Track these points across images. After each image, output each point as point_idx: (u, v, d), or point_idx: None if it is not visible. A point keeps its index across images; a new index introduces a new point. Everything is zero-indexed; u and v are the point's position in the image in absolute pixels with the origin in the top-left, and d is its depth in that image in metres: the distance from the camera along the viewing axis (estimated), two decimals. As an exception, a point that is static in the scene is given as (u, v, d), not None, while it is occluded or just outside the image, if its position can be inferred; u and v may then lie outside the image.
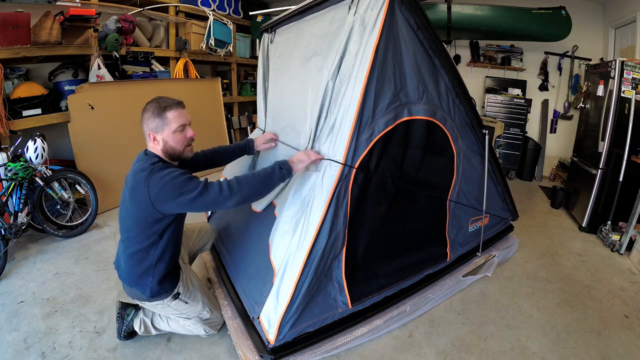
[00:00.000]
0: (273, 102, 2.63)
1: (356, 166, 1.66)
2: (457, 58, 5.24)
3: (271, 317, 1.62)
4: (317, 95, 1.81)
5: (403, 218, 2.16)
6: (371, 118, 1.67)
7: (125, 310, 1.83)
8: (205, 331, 1.84)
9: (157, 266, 1.58)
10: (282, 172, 1.58)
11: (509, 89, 4.99)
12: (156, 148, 1.55)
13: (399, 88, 1.74)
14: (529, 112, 4.98)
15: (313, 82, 1.94)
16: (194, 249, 2.13)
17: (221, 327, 1.94)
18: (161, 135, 1.51)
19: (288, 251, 1.66)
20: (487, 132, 2.23)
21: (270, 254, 1.77)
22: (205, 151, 2.04)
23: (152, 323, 1.83)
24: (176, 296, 1.67)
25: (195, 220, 2.35)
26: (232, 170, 2.49)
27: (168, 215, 1.50)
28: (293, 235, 1.69)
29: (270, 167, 1.58)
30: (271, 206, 2.10)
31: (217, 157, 2.07)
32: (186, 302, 1.71)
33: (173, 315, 1.79)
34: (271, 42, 2.69)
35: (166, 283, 1.63)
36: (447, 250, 2.31)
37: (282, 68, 2.49)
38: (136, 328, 1.82)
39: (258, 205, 2.14)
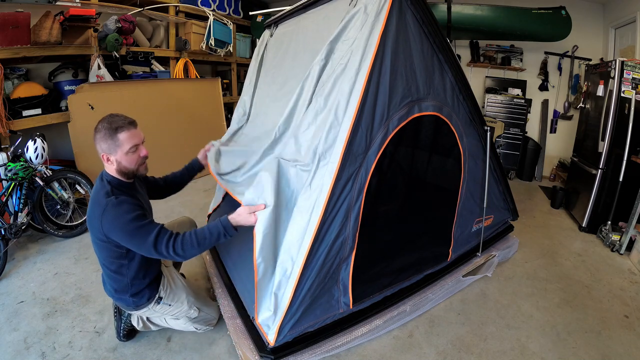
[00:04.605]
0: (260, 94, 2.53)
1: (372, 169, 1.64)
2: (457, 58, 5.25)
3: (270, 319, 1.61)
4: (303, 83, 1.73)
5: (412, 219, 2.15)
6: (386, 114, 1.64)
7: None
8: (196, 329, 1.87)
9: (134, 284, 1.63)
10: (226, 237, 1.56)
11: (509, 89, 4.98)
12: (110, 168, 1.55)
13: (410, 82, 1.73)
14: (529, 112, 4.98)
15: (304, 74, 1.85)
16: None
17: (217, 322, 1.95)
18: (114, 157, 1.51)
19: (276, 251, 1.61)
20: (488, 128, 2.23)
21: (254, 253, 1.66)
22: (164, 180, 2.03)
23: (148, 319, 1.84)
24: (159, 300, 1.71)
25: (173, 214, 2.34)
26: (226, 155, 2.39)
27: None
28: (275, 234, 1.61)
29: (216, 230, 1.53)
30: None
31: (173, 186, 2.06)
32: (170, 305, 1.74)
33: (163, 317, 1.81)
34: (271, 36, 2.69)
35: (145, 293, 1.67)
36: (450, 250, 2.31)
37: (276, 60, 2.45)
38: (134, 324, 1.83)
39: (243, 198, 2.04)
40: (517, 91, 4.93)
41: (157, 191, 1.98)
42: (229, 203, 2.44)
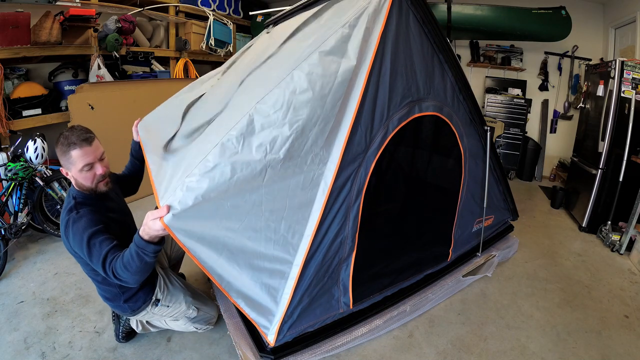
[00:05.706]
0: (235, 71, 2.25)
1: (371, 169, 1.63)
2: (457, 58, 5.25)
3: (270, 319, 1.60)
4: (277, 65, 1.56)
5: (412, 219, 2.15)
6: (386, 114, 1.63)
7: None
8: (196, 329, 1.87)
9: (124, 290, 1.61)
10: (148, 255, 1.24)
11: (509, 89, 4.98)
12: (73, 182, 1.53)
13: (411, 82, 1.72)
14: (529, 112, 4.98)
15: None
16: (173, 251, 2.05)
17: (217, 321, 1.95)
18: (71, 173, 1.47)
19: (248, 267, 1.48)
20: (488, 128, 2.22)
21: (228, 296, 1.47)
22: (127, 173, 2.01)
23: (147, 322, 1.84)
24: (156, 303, 1.70)
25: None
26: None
27: None
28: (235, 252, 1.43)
29: (134, 249, 1.23)
30: None
31: (134, 175, 2.03)
32: (168, 306, 1.74)
33: (162, 319, 1.81)
34: (267, 33, 2.68)
35: (140, 297, 1.66)
36: (450, 250, 2.31)
37: (267, 51, 2.33)
38: (133, 326, 1.83)
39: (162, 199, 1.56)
40: (517, 91, 4.93)
41: (128, 187, 1.97)
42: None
